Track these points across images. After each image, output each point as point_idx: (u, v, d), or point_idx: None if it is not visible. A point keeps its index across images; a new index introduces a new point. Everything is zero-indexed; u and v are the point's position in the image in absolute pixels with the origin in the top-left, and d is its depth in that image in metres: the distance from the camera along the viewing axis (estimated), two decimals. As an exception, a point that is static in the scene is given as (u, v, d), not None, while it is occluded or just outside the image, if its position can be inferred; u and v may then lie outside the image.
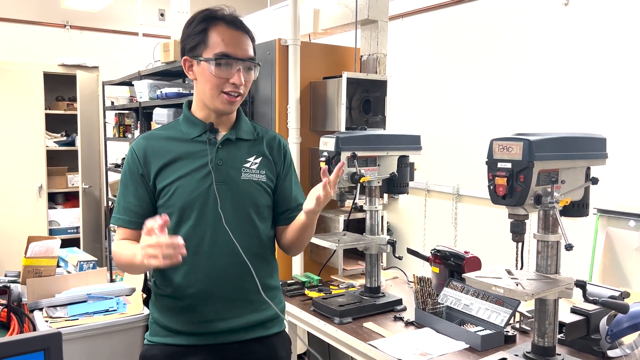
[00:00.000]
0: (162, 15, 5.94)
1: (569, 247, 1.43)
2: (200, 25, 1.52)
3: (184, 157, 1.55)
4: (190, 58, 1.55)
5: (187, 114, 1.62)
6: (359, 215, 2.73)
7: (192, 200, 1.52)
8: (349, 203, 2.37)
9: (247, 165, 1.60)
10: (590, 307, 1.77)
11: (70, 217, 5.38)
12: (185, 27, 1.56)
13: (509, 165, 1.48)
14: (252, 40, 1.57)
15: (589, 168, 1.64)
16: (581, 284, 1.60)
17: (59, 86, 5.50)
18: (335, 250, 2.56)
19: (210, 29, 1.51)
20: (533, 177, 1.45)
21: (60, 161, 5.53)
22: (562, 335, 1.72)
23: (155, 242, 1.27)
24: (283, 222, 1.69)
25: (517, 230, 1.54)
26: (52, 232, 5.15)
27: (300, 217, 1.61)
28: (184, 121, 1.61)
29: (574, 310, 1.79)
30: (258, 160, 1.62)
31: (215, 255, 1.53)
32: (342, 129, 2.67)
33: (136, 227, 1.56)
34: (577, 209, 1.65)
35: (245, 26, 1.54)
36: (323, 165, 2.23)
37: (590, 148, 1.64)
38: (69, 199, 5.57)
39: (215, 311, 1.54)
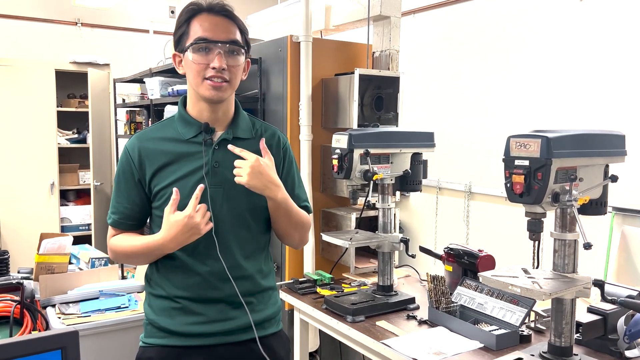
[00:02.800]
0: (172, 12, 5.95)
1: (587, 246, 1.40)
2: (183, 18, 1.50)
3: (179, 159, 1.51)
4: (178, 52, 1.53)
5: (182, 112, 1.57)
6: (371, 213, 2.71)
7: (188, 203, 1.48)
8: (361, 201, 2.36)
9: None
10: (607, 306, 1.74)
11: (82, 214, 5.41)
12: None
13: (526, 162, 1.45)
14: (239, 26, 1.51)
15: (607, 165, 1.62)
16: (599, 284, 1.57)
17: (71, 83, 5.52)
18: (347, 248, 2.55)
19: (192, 19, 1.49)
20: (551, 175, 1.43)
21: (71, 158, 5.56)
22: (578, 335, 1.69)
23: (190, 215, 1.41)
24: None
25: (535, 229, 1.51)
26: (63, 229, 5.19)
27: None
28: (179, 120, 1.56)
29: (591, 310, 1.76)
30: None
31: (211, 258, 1.50)
32: (354, 126, 2.65)
33: (125, 228, 1.58)
34: (595, 207, 1.63)
35: (227, 11, 1.49)
36: (335, 162, 2.21)
37: (609, 145, 1.61)
38: (81, 196, 5.61)
39: (211, 313, 1.52)
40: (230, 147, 1.48)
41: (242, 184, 1.44)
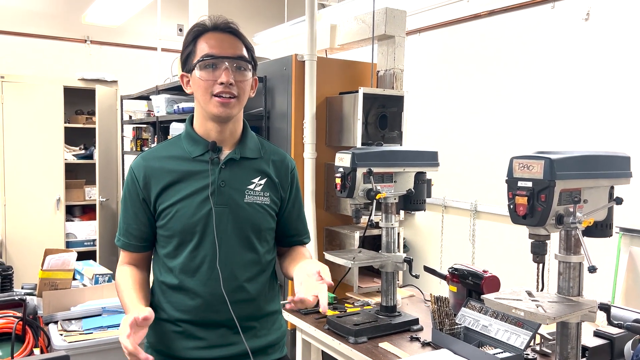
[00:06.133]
0: (180, 30, 6.02)
1: (592, 270, 1.38)
2: (190, 38, 1.50)
3: (185, 178, 1.49)
4: (185, 73, 1.52)
5: (189, 130, 1.55)
6: (375, 231, 2.69)
7: (192, 223, 1.46)
8: (364, 219, 2.35)
9: (251, 186, 1.52)
10: (614, 330, 1.71)
11: (87, 230, 5.42)
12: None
13: (529, 184, 1.44)
14: (245, 43, 1.51)
15: (612, 187, 1.60)
16: (605, 307, 1.54)
17: (79, 100, 5.57)
18: (350, 268, 2.53)
19: (198, 38, 1.48)
20: (555, 197, 1.41)
21: (78, 174, 5.59)
22: (585, 359, 1.66)
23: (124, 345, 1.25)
24: (282, 245, 1.67)
25: (538, 251, 1.49)
26: (69, 245, 5.19)
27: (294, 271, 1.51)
28: (186, 138, 1.54)
29: (597, 334, 1.73)
30: (262, 182, 1.54)
31: (213, 280, 1.47)
32: (358, 144, 2.65)
33: (135, 250, 1.55)
34: (601, 229, 1.61)
35: (232, 28, 1.49)
36: (338, 180, 2.21)
37: (613, 167, 1.59)
38: (86, 211, 5.62)
39: (213, 338, 1.49)
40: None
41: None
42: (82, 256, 3.76)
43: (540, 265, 1.55)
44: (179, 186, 1.48)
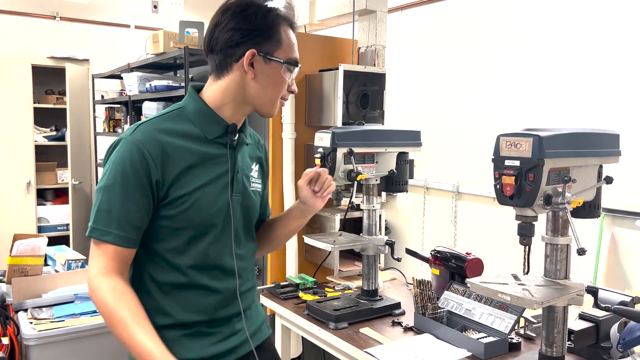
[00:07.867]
0: (155, 7, 5.81)
1: (581, 252, 1.33)
2: (269, 20, 1.33)
3: (204, 162, 1.31)
4: (259, 54, 1.32)
5: (202, 106, 1.34)
6: (356, 214, 2.63)
7: (213, 214, 1.32)
8: (345, 201, 2.28)
9: (251, 173, 1.46)
10: (600, 313, 1.68)
11: (60, 214, 5.27)
12: (247, 16, 1.31)
13: (517, 163, 1.37)
14: None
15: (601, 166, 1.54)
16: (592, 290, 1.50)
17: (48, 79, 5.37)
18: (330, 252, 2.46)
19: (281, 27, 1.35)
20: (543, 176, 1.35)
21: (49, 156, 5.41)
22: (570, 342, 1.62)
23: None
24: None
25: (525, 233, 1.44)
26: (41, 229, 5.04)
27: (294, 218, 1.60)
28: (199, 115, 1.34)
29: (583, 317, 1.70)
30: (256, 167, 1.49)
31: (228, 274, 1.37)
32: (339, 124, 2.57)
33: (132, 245, 1.28)
34: (588, 209, 1.56)
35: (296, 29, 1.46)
36: (318, 162, 2.13)
37: (603, 145, 1.54)
38: (59, 195, 5.47)
39: (225, 331, 1.40)
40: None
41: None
42: (55, 241, 3.64)
43: (527, 247, 1.50)
44: (198, 170, 1.30)
